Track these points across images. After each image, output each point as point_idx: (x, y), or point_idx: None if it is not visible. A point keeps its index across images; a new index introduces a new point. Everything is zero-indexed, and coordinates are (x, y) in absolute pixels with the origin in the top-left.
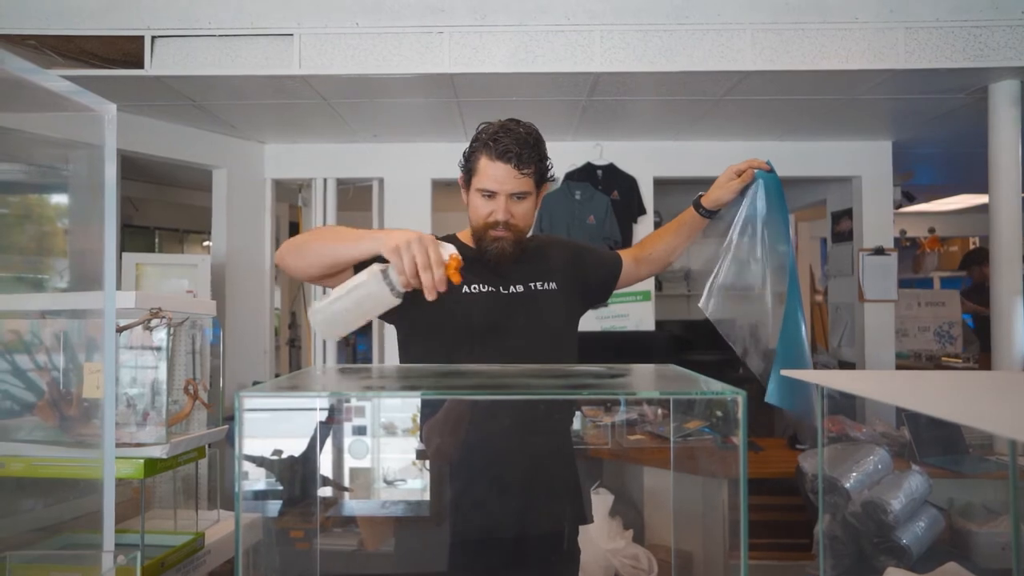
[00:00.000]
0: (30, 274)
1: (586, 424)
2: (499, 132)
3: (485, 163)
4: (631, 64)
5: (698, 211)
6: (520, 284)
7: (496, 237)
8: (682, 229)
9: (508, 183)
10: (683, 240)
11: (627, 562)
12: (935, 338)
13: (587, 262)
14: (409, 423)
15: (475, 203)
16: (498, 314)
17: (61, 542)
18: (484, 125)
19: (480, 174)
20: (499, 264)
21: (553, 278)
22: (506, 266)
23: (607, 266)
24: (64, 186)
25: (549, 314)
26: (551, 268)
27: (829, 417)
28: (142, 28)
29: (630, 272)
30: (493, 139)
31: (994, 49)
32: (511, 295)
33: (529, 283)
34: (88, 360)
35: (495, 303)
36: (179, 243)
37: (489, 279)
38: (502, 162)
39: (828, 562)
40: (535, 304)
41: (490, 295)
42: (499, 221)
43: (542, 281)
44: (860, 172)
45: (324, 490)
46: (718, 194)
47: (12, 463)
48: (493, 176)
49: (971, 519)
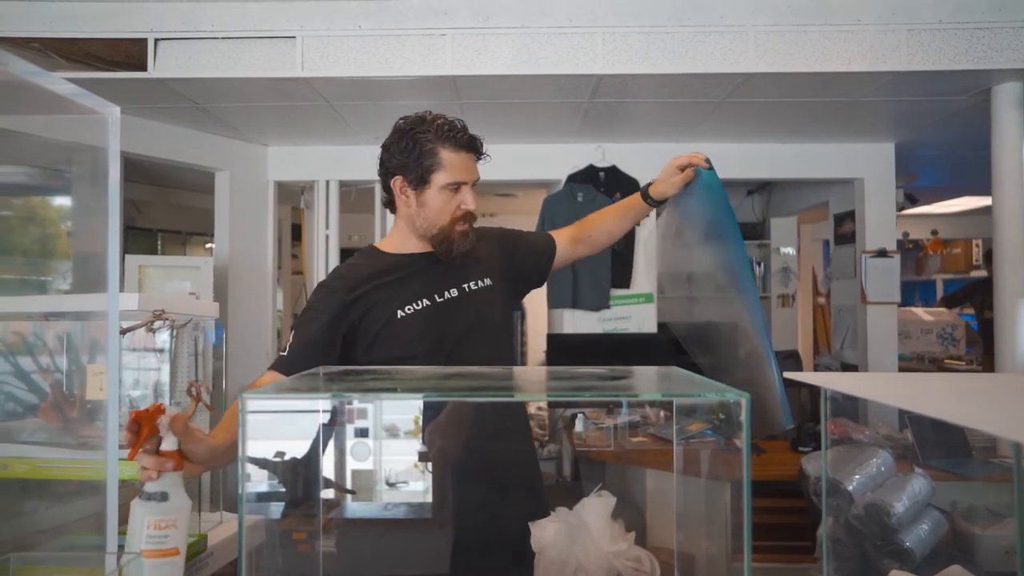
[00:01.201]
0: (34, 276)
1: (588, 426)
2: (449, 123)
3: (449, 155)
4: (633, 66)
5: (646, 200)
6: (453, 288)
7: (465, 231)
8: (628, 213)
9: (474, 172)
10: (627, 224)
11: (629, 564)
12: (938, 340)
13: (519, 251)
14: (411, 425)
15: (439, 201)
16: (437, 327)
17: (64, 544)
18: (411, 124)
19: (447, 168)
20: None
21: (487, 274)
22: (436, 271)
23: (540, 251)
24: (67, 188)
25: (487, 312)
26: (484, 264)
27: (832, 419)
28: (145, 31)
29: (565, 253)
30: (451, 130)
31: (997, 51)
32: (446, 302)
33: (462, 285)
34: (91, 362)
35: (431, 316)
36: (182, 245)
37: (418, 292)
38: (467, 151)
39: (831, 565)
40: (472, 306)
41: (424, 311)
42: (471, 211)
43: (475, 280)
44: (863, 174)
45: (326, 492)
46: (663, 188)
47: (15, 465)
48: (463, 167)
49: (975, 522)
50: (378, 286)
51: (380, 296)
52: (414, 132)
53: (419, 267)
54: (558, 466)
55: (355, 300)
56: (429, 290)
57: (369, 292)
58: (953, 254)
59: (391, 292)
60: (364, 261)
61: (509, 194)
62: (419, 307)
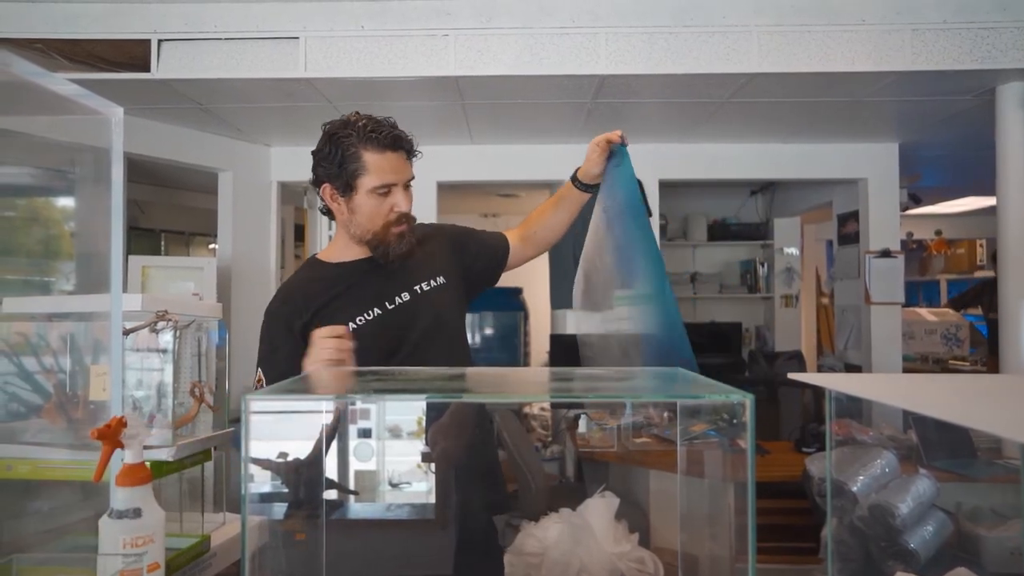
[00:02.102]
0: (37, 276)
1: (592, 427)
2: (372, 124)
3: (374, 157)
4: (636, 66)
5: (574, 184)
6: (404, 292)
7: (401, 233)
8: (562, 203)
9: (404, 171)
10: (564, 215)
11: (633, 565)
12: (942, 341)
13: (470, 249)
14: (414, 425)
15: (369, 205)
16: (391, 334)
17: (68, 544)
18: (335, 128)
19: (372, 171)
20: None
21: (440, 272)
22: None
23: (492, 250)
24: (71, 189)
25: (442, 313)
26: (435, 262)
27: (836, 420)
28: (148, 32)
29: (517, 253)
30: (373, 131)
31: (1001, 51)
32: (397, 308)
33: (413, 287)
34: (94, 363)
35: (384, 324)
36: (185, 245)
37: (368, 302)
38: (392, 151)
39: (836, 566)
40: (425, 308)
41: (376, 320)
42: (405, 213)
43: (427, 280)
44: (866, 174)
45: (329, 492)
46: (586, 167)
47: (19, 465)
48: (390, 168)
49: (980, 523)
50: (325, 303)
51: (328, 312)
52: (337, 136)
53: (364, 274)
54: (561, 467)
55: (305, 324)
56: (379, 298)
57: (317, 311)
58: (957, 254)
59: (339, 305)
60: (307, 275)
61: (512, 195)
62: (370, 317)
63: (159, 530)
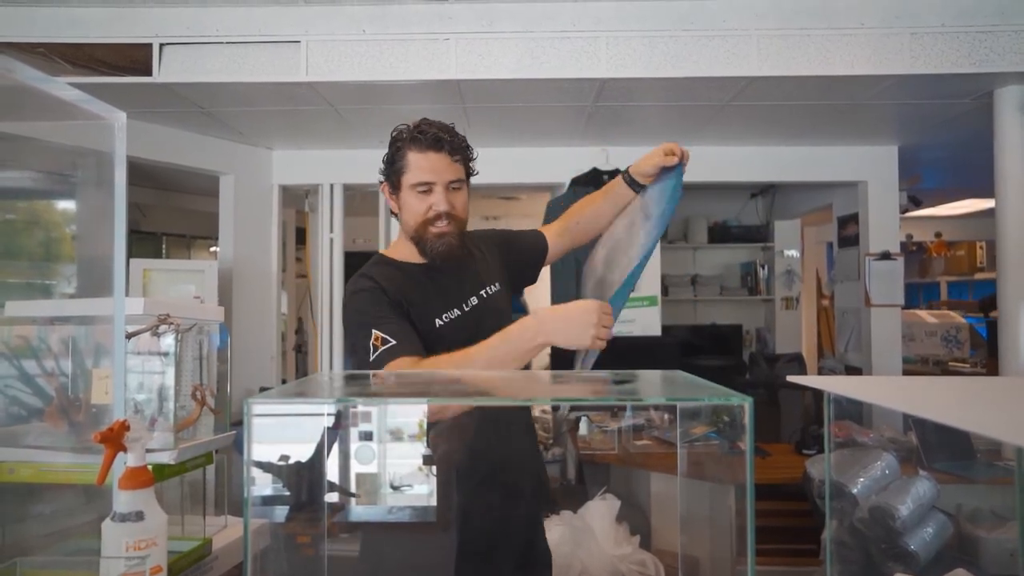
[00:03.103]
0: (39, 280)
1: (592, 429)
2: (420, 127)
3: (415, 157)
4: (637, 70)
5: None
6: (473, 296)
7: (440, 233)
8: (609, 196)
9: (444, 171)
10: (609, 207)
11: (634, 568)
12: (942, 343)
13: (514, 250)
14: (416, 429)
15: (410, 203)
16: (464, 335)
17: (70, 548)
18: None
19: (412, 169)
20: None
21: (495, 277)
22: (453, 279)
23: (533, 251)
24: (72, 193)
25: (501, 317)
26: (491, 267)
27: (836, 422)
28: (150, 36)
29: (555, 247)
30: (418, 132)
31: (1000, 54)
32: (472, 310)
33: (479, 292)
34: (96, 366)
35: (463, 325)
36: (186, 249)
37: (448, 301)
38: (433, 151)
39: (836, 568)
40: (490, 312)
41: (456, 320)
42: (441, 212)
43: (487, 285)
44: (866, 177)
45: (331, 496)
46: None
47: (21, 469)
48: (428, 167)
49: (979, 525)
50: (409, 295)
51: (414, 303)
52: (393, 139)
53: (437, 275)
54: (562, 469)
55: (398, 302)
56: (457, 299)
57: (404, 298)
58: (957, 256)
59: (423, 300)
60: (385, 271)
61: (513, 197)
62: (452, 316)
63: (161, 533)
